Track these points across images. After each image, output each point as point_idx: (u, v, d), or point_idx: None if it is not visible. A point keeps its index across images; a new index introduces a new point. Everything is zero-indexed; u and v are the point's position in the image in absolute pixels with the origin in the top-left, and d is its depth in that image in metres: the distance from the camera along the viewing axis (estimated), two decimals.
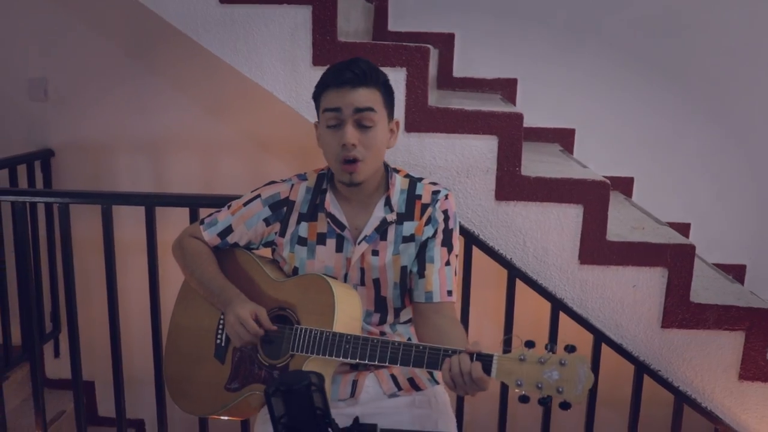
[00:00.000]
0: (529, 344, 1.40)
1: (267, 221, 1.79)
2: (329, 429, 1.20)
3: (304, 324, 1.65)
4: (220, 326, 1.79)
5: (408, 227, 1.75)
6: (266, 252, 1.92)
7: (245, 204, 1.81)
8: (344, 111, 1.62)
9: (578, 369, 1.36)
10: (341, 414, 1.72)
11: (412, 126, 2.24)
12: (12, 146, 3.31)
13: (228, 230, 1.82)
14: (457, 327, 1.74)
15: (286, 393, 1.18)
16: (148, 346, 2.48)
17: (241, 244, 1.84)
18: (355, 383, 1.77)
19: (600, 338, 2.35)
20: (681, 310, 2.30)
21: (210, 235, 1.83)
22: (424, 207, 1.76)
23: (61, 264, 2.54)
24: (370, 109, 1.63)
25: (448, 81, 3.16)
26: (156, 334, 2.47)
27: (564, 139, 3.15)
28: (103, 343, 2.55)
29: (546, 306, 2.37)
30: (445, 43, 3.12)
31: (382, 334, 1.80)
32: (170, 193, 2.53)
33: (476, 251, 2.35)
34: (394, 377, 1.79)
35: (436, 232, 1.75)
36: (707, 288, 2.47)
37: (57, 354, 3.55)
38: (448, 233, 1.76)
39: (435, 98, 2.70)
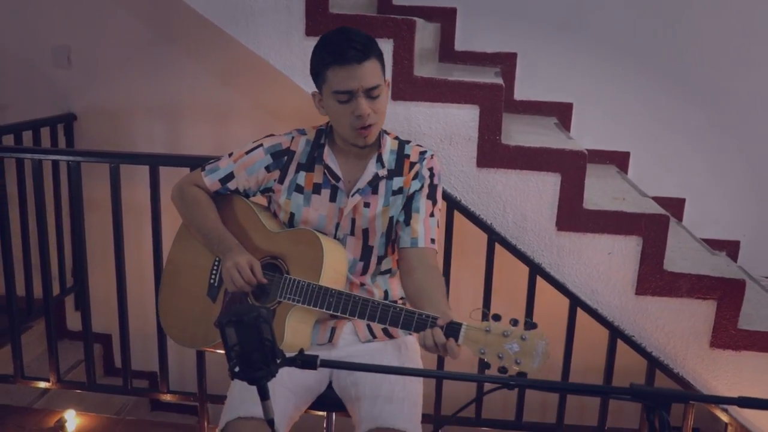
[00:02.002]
0: (496, 317, 1.53)
1: (268, 168, 1.91)
2: (276, 357, 1.33)
3: (292, 274, 1.79)
4: (215, 267, 1.92)
5: (397, 182, 1.89)
6: (263, 201, 2.04)
7: (247, 153, 1.93)
8: (357, 92, 1.75)
9: (537, 345, 1.49)
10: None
11: (398, 95, 2.35)
12: (37, 110, 3.51)
13: (229, 176, 1.94)
14: (437, 276, 1.87)
15: (237, 323, 1.31)
16: None
17: (240, 191, 1.96)
18: (333, 330, 1.91)
19: (576, 303, 2.46)
20: (655, 278, 2.38)
21: (211, 181, 1.95)
22: (412, 164, 1.91)
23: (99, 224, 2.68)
24: (378, 84, 1.77)
25: (449, 54, 3.25)
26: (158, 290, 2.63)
27: (562, 113, 3.21)
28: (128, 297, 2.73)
29: (524, 270, 2.48)
30: (447, 17, 3.20)
31: (362, 285, 1.94)
32: (172, 153, 2.67)
33: (458, 216, 2.45)
34: (369, 327, 1.92)
35: (422, 186, 1.90)
36: (686, 258, 2.55)
37: (77, 307, 3.75)
38: (433, 188, 1.91)
39: (435, 70, 2.81)
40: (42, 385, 2.86)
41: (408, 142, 1.95)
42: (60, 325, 3.89)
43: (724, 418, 2.50)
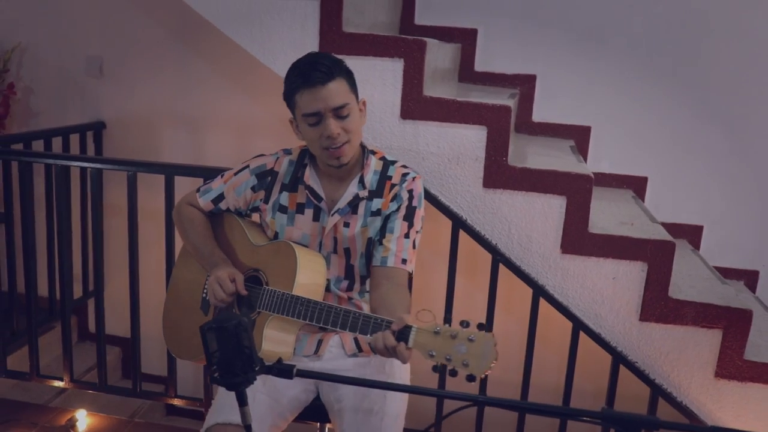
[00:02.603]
0: (447, 320, 1.53)
1: (253, 189, 1.97)
2: (254, 365, 1.37)
3: (271, 285, 1.84)
4: (207, 283, 1.99)
5: (377, 203, 1.91)
6: (257, 217, 2.10)
7: (236, 174, 2.01)
8: (323, 113, 1.78)
9: (484, 346, 1.47)
10: (303, 367, 1.89)
11: (407, 113, 2.39)
12: (68, 118, 3.65)
13: (220, 197, 2.02)
14: (402, 294, 1.86)
15: (217, 330, 1.36)
16: None
17: (232, 210, 2.03)
18: (320, 342, 1.94)
19: (578, 326, 2.45)
20: (659, 305, 2.37)
21: (204, 201, 2.03)
22: (393, 186, 1.92)
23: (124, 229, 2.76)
24: (345, 103, 1.80)
25: (469, 75, 3.28)
26: None
27: (580, 136, 3.22)
28: (144, 303, 2.80)
29: (529, 292, 2.48)
30: (468, 37, 3.24)
31: (350, 299, 1.97)
32: (187, 164, 2.74)
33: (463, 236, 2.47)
34: (356, 340, 1.95)
35: (399, 207, 1.91)
36: (693, 286, 2.53)
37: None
38: (411, 210, 1.92)
39: (454, 90, 2.84)
40: (56, 384, 2.94)
41: (394, 162, 1.96)
42: (82, 328, 4.00)
43: None
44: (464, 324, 1.50)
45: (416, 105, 2.38)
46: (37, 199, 3.07)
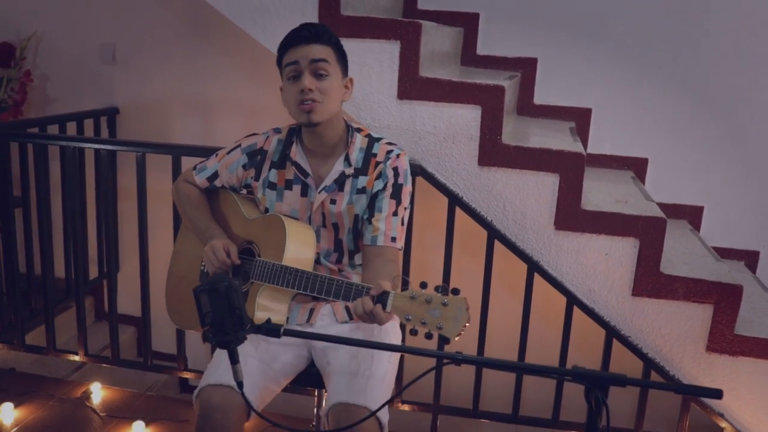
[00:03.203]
0: (423, 285, 1.59)
1: (245, 167, 2.06)
2: (244, 324, 1.45)
3: (263, 257, 1.92)
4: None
5: (362, 180, 1.98)
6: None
7: (228, 152, 2.10)
8: (301, 63, 1.87)
9: (457, 309, 1.55)
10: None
11: (403, 94, 2.46)
12: (83, 104, 3.76)
13: (215, 175, 2.11)
14: (391, 270, 1.94)
15: (210, 291, 1.44)
16: None
17: (226, 187, 2.12)
18: (312, 311, 2.03)
19: (573, 301, 2.51)
20: (651, 280, 2.42)
21: (200, 179, 2.12)
22: (377, 164, 1.98)
23: (134, 211, 2.86)
24: (324, 60, 1.88)
25: (472, 58, 3.34)
26: None
27: (581, 118, 3.26)
28: (160, 284, 2.90)
29: (524, 267, 2.54)
30: (470, 22, 3.30)
31: (341, 271, 2.05)
32: (193, 145, 2.83)
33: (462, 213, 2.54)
34: (347, 308, 2.03)
35: (386, 186, 1.97)
36: (687, 263, 2.58)
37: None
38: (397, 187, 1.98)
39: (456, 73, 2.91)
40: (72, 357, 3.06)
41: (379, 139, 2.02)
42: (98, 308, 4.13)
43: (725, 427, 2.51)
44: (438, 289, 1.57)
45: (413, 86, 2.45)
46: (54, 184, 3.18)
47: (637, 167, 3.26)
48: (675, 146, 3.25)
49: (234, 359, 1.46)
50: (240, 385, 1.47)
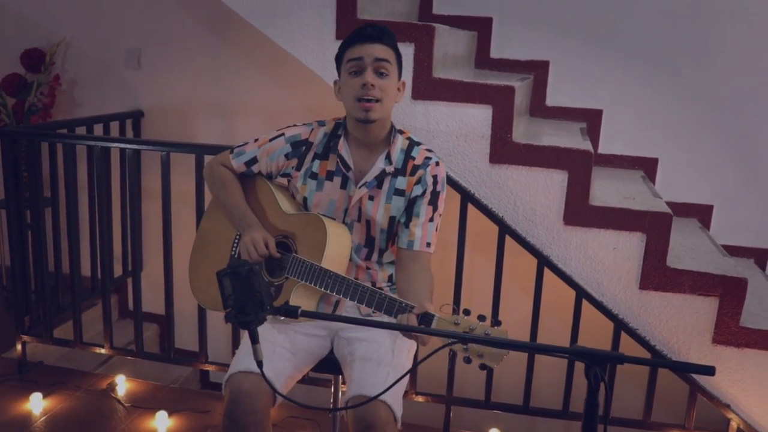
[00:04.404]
0: (466, 312, 1.67)
1: (287, 156, 2.12)
2: (264, 306, 1.55)
3: (300, 254, 2.00)
4: (236, 241, 2.16)
5: (401, 182, 2.06)
6: (284, 182, 2.25)
7: (270, 140, 2.15)
8: (365, 60, 1.96)
9: None
10: (319, 325, 2.09)
11: (418, 94, 2.55)
12: (109, 107, 3.91)
13: (253, 160, 2.16)
14: (426, 276, 2.04)
15: (232, 275, 1.54)
16: None
17: (263, 174, 2.18)
18: (337, 303, 2.11)
19: (582, 294, 2.58)
20: (658, 274, 2.49)
21: (237, 163, 2.18)
22: (416, 168, 2.06)
23: (158, 211, 2.99)
24: (386, 60, 1.97)
25: (485, 61, 3.43)
26: None
27: (592, 119, 3.34)
28: (183, 282, 3.01)
29: (534, 262, 2.62)
30: (484, 26, 3.39)
31: (368, 268, 2.13)
32: (214, 144, 2.94)
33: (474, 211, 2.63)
34: None
35: (424, 192, 2.05)
36: (694, 258, 2.64)
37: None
38: (435, 195, 2.07)
39: (471, 75, 3.00)
40: (97, 350, 3.18)
41: (419, 144, 2.10)
42: (123, 306, 4.25)
43: (732, 418, 2.56)
44: (481, 318, 1.65)
45: (426, 86, 2.54)
46: (81, 186, 3.31)
47: (648, 167, 3.33)
48: (685, 146, 3.31)
49: (254, 339, 1.56)
50: (260, 364, 1.56)
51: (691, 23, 3.19)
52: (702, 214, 3.32)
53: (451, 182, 2.59)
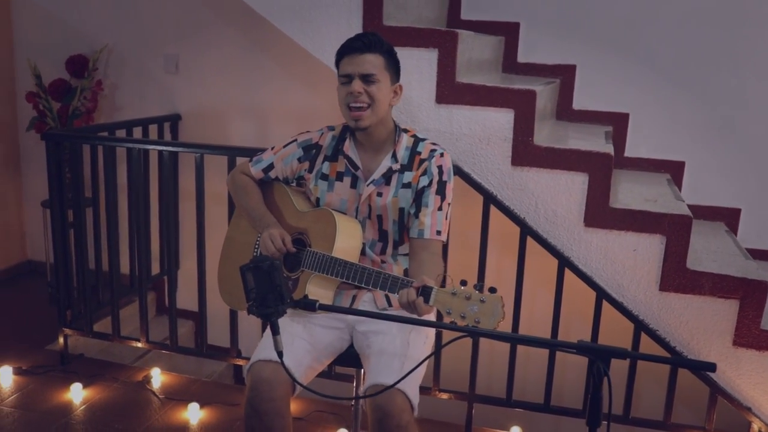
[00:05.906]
0: (463, 283, 1.75)
1: (300, 160, 2.26)
2: (284, 299, 1.64)
3: (314, 247, 2.11)
4: (257, 243, 2.28)
5: (408, 176, 2.15)
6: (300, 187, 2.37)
7: (284, 146, 2.29)
8: (353, 72, 2.06)
9: (494, 306, 1.70)
10: (337, 318, 2.17)
11: (441, 98, 2.62)
12: (148, 110, 4.05)
13: (270, 166, 2.30)
14: (436, 262, 2.11)
15: (254, 269, 1.64)
16: None
17: (280, 178, 2.31)
18: (354, 297, 2.20)
19: (602, 295, 2.62)
20: (678, 276, 2.52)
21: (256, 170, 2.32)
22: (422, 161, 2.15)
23: (193, 212, 3.09)
24: (372, 73, 2.06)
25: (512, 66, 3.48)
26: None
27: (618, 122, 3.36)
28: (211, 280, 3.12)
29: (555, 262, 2.67)
30: (511, 31, 3.44)
31: (383, 262, 2.22)
32: (246, 146, 3.04)
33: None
34: (387, 297, 2.20)
35: (431, 182, 2.14)
36: (715, 261, 2.66)
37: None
38: (442, 184, 2.15)
39: (498, 80, 3.06)
40: (134, 344, 3.32)
41: (424, 139, 2.19)
42: (160, 303, 4.39)
43: (754, 421, 2.57)
44: (477, 287, 1.73)
45: (450, 91, 2.61)
46: (120, 187, 3.45)
47: (674, 170, 3.34)
48: (712, 149, 3.32)
49: (275, 330, 1.64)
50: (280, 354, 1.65)
51: (717, 27, 3.20)
52: (729, 217, 3.32)
53: (474, 184, 2.65)
